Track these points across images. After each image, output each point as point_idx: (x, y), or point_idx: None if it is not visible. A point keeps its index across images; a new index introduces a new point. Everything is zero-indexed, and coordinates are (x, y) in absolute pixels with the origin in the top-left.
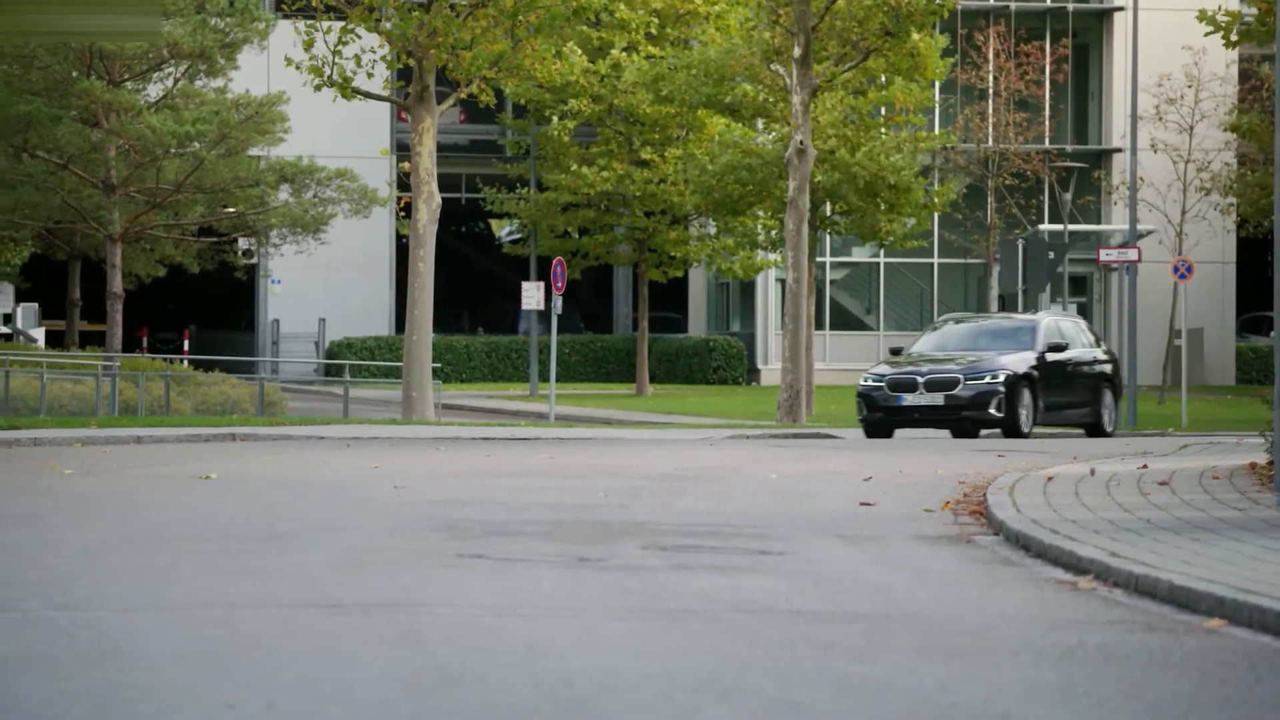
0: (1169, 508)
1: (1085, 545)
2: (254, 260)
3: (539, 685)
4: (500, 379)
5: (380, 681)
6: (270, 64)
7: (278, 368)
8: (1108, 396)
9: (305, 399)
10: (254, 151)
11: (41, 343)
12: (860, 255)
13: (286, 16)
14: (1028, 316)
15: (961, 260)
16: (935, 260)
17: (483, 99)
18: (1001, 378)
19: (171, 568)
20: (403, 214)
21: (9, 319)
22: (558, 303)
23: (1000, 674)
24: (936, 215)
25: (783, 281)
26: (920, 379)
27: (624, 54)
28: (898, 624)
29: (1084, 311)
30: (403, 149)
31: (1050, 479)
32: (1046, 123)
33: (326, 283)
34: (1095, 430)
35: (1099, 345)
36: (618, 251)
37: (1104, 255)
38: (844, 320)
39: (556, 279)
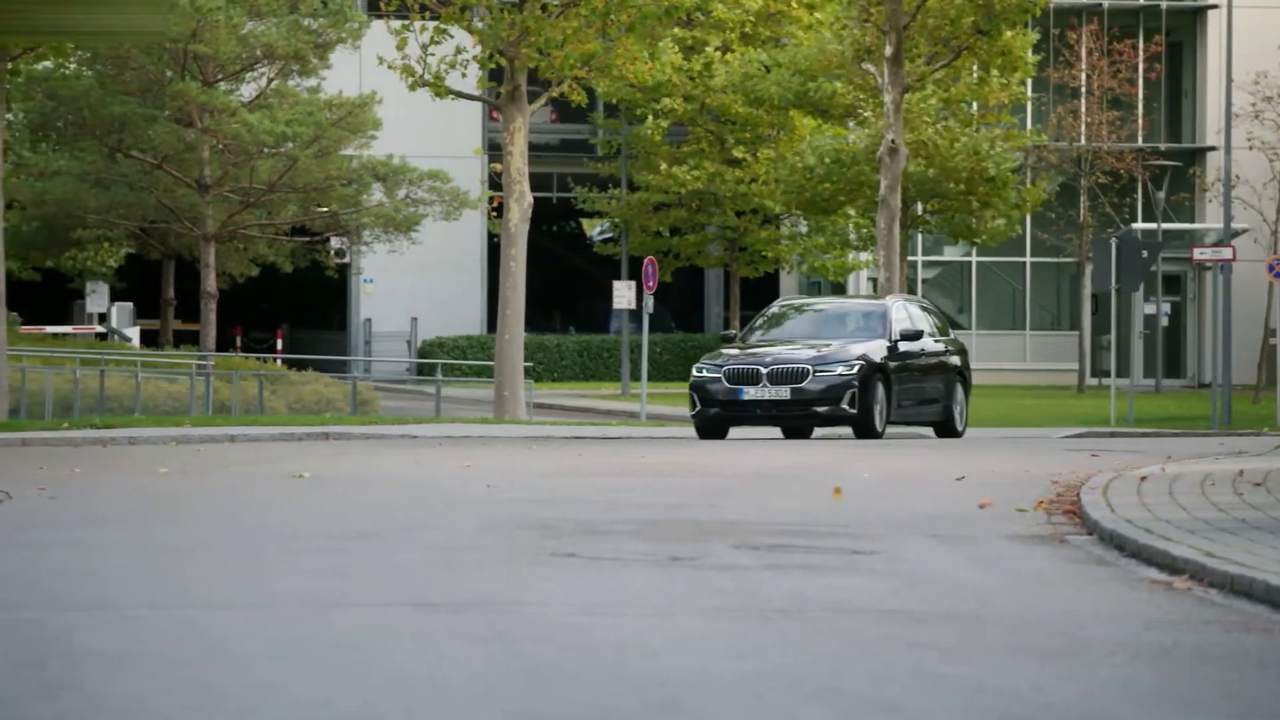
0: (1265, 507)
1: (1180, 545)
2: (346, 259)
3: (631, 684)
4: (591, 378)
5: (473, 680)
6: (363, 63)
7: (370, 367)
8: (959, 392)
9: (397, 398)
10: (347, 151)
11: (136, 342)
12: (952, 254)
13: (379, 16)
14: (876, 301)
15: (1054, 259)
16: (1027, 259)
17: (574, 99)
18: (855, 369)
19: (264, 566)
20: (494, 213)
21: (104, 319)
22: (649, 302)
23: (1094, 674)
24: (1028, 214)
25: (874, 280)
26: (763, 369)
27: (717, 53)
28: (991, 624)
29: (1178, 311)
30: (494, 148)
31: (1144, 479)
32: (1140, 121)
33: (418, 282)
34: (946, 429)
35: (948, 334)
36: (709, 251)
37: (1198, 254)
38: None
39: (648, 278)
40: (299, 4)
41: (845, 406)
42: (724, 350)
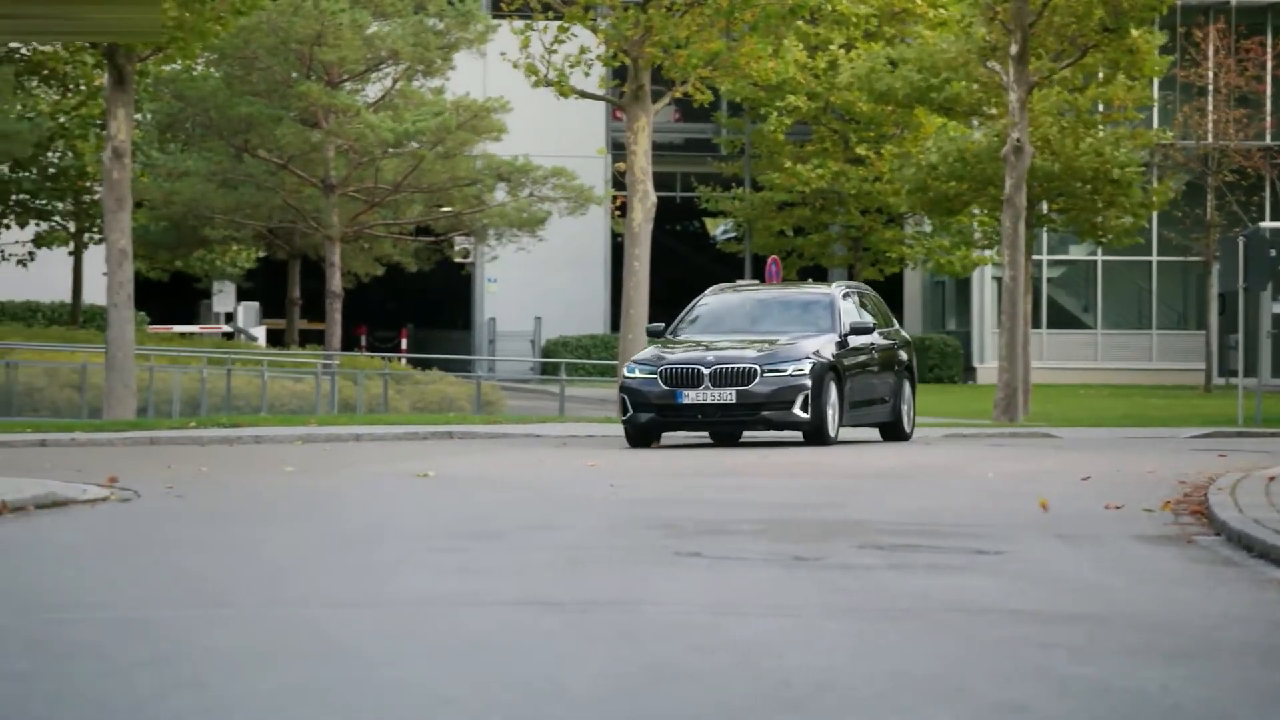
0: None
1: None
2: (471, 259)
3: (757, 684)
4: None
5: (598, 680)
6: (487, 63)
7: (494, 366)
8: (907, 390)
9: (521, 397)
10: (471, 151)
11: (262, 341)
12: (1078, 253)
13: (503, 16)
14: (820, 289)
15: (1180, 258)
16: (1154, 258)
17: (698, 97)
18: (807, 368)
19: (388, 565)
20: (618, 213)
21: (231, 318)
22: None
23: (1223, 676)
24: (1155, 213)
25: (999, 279)
26: (705, 370)
27: (841, 50)
28: (1118, 624)
29: None
30: (618, 148)
31: (1272, 479)
32: (1268, 119)
33: (542, 281)
34: (894, 432)
35: (891, 324)
36: (832, 251)
37: None
38: (1061, 318)
39: (771, 277)
40: (424, 5)
41: (797, 411)
42: (657, 347)
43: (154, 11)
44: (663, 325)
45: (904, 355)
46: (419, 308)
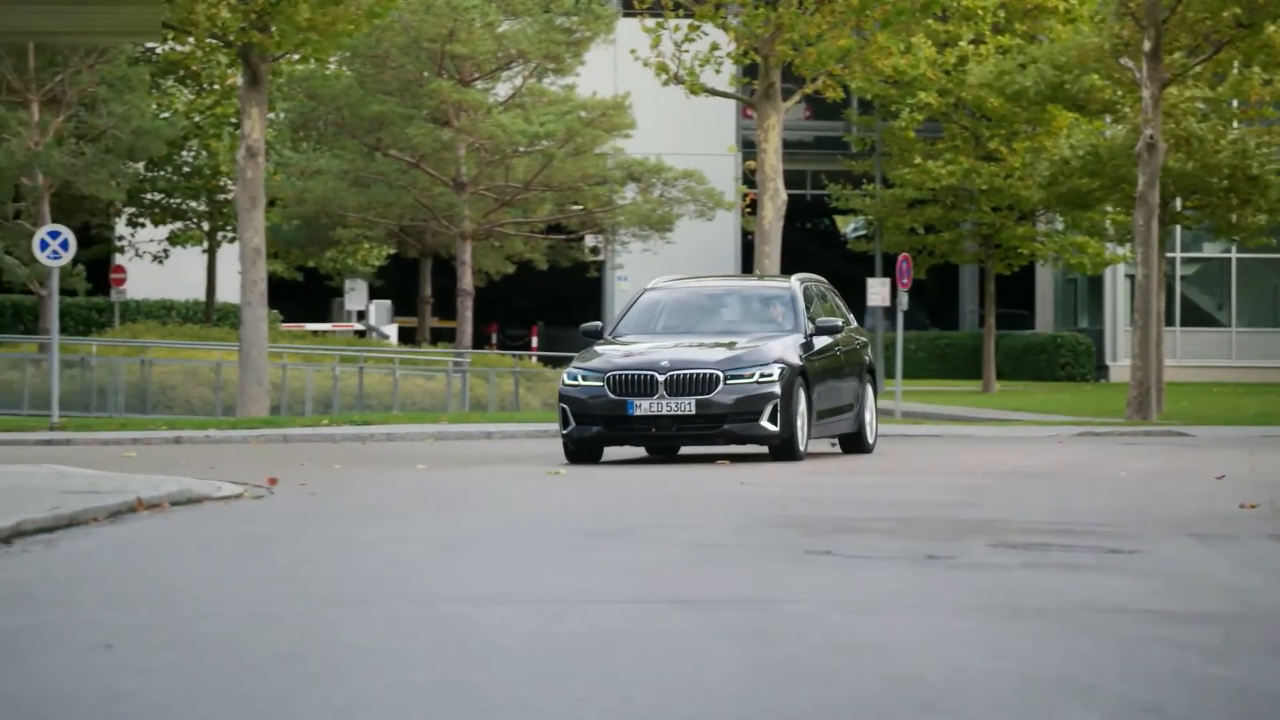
0: None
1: None
2: (601, 257)
3: (889, 682)
4: None
5: (731, 678)
6: (616, 61)
7: None
8: (869, 395)
9: None
10: (602, 149)
11: (394, 339)
12: (1211, 250)
13: (633, 14)
14: (779, 282)
15: None
16: None
17: (829, 95)
18: (776, 374)
19: (521, 562)
20: (748, 211)
21: (363, 316)
22: (904, 299)
23: None
24: None
25: (1131, 277)
26: (659, 376)
27: (971, 46)
28: (1255, 624)
29: None
30: (748, 145)
31: None
32: None
33: None
34: (856, 442)
35: (851, 321)
36: (963, 248)
37: None
38: (1195, 316)
39: (902, 275)
40: (553, 2)
41: (765, 423)
42: (599, 349)
43: (154, 13)
44: (599, 325)
45: (867, 357)
46: (549, 305)
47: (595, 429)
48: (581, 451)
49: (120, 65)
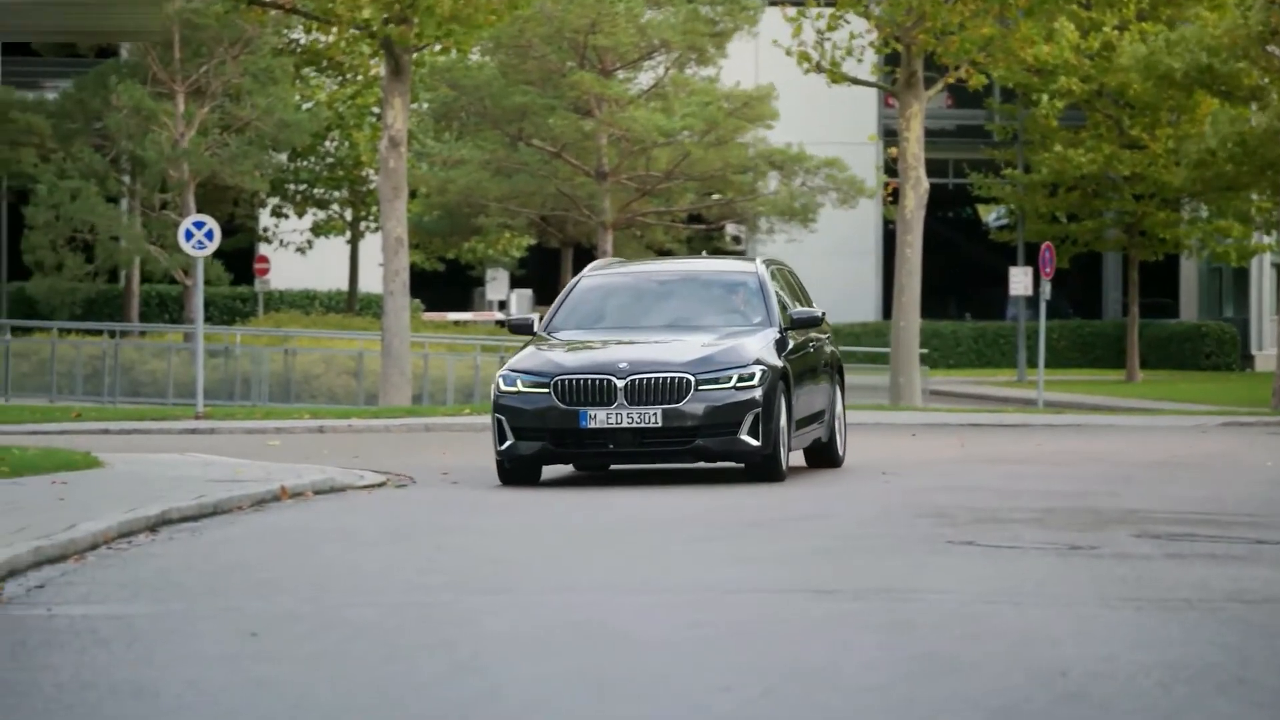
0: None
1: None
2: (743, 247)
3: (1032, 673)
4: (987, 365)
5: (872, 668)
6: (758, 51)
7: None
8: (839, 400)
9: None
10: (743, 139)
11: None
12: None
13: (775, 3)
14: (743, 266)
15: None
16: None
17: (971, 83)
18: (756, 378)
19: (660, 552)
20: (890, 200)
21: (504, 305)
22: (1046, 288)
23: None
24: None
25: (1278, 266)
26: (619, 380)
27: (1115, 32)
28: None
29: None
30: (889, 134)
31: None
32: None
33: (813, 268)
34: (827, 454)
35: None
36: (1106, 237)
37: None
38: None
39: (1045, 264)
40: None
41: (746, 437)
42: (539, 348)
43: (154, 13)
44: (530, 318)
45: (836, 353)
46: None
47: (540, 445)
48: (520, 471)
49: (264, 56)
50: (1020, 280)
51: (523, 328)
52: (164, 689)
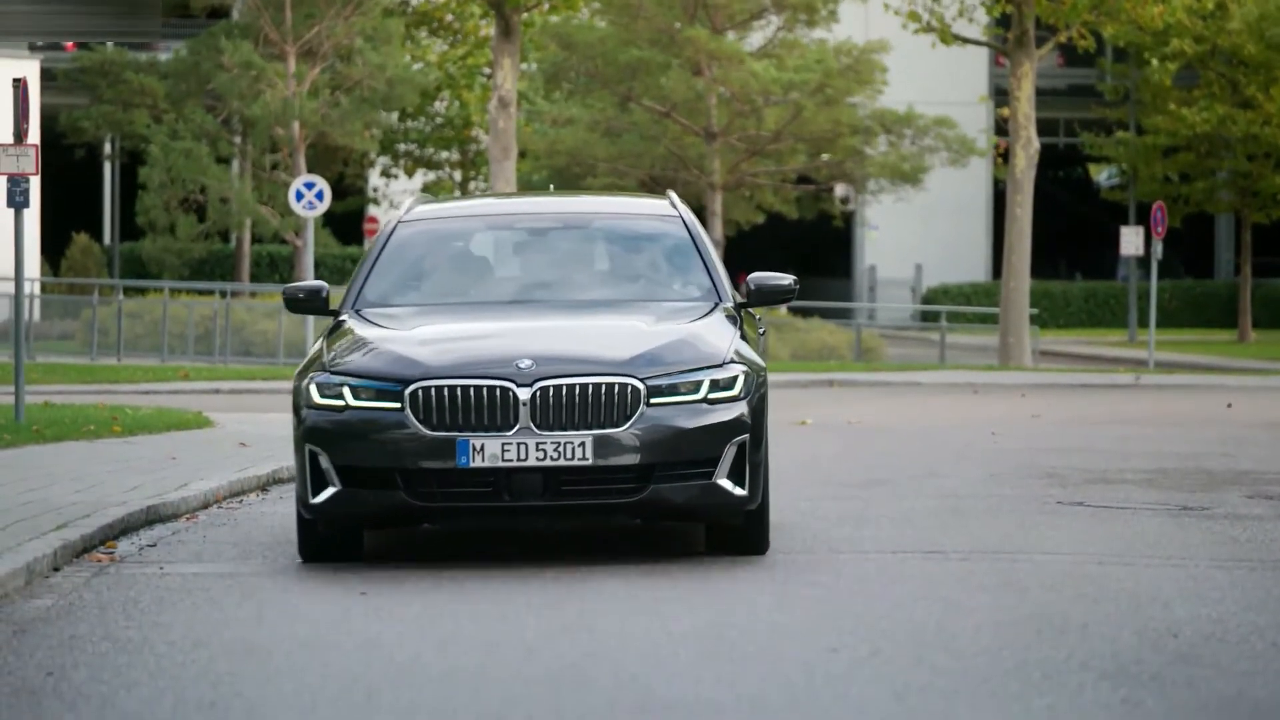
0: None
1: None
2: (852, 207)
3: (1143, 634)
4: (1098, 325)
5: (982, 629)
6: (868, 13)
7: (874, 314)
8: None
9: (901, 345)
10: (853, 100)
11: None
12: None
13: None
14: (657, 206)
15: None
16: None
17: (1082, 44)
18: (738, 382)
19: (781, 511)
20: (1000, 160)
21: None
22: (1158, 248)
23: None
24: None
25: None
26: (520, 388)
27: None
28: None
29: None
30: (1000, 94)
31: None
32: None
33: (922, 228)
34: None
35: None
36: (1219, 197)
37: None
38: None
39: (1156, 224)
40: None
41: (726, 483)
42: (360, 333)
43: (154, 13)
44: (322, 286)
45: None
46: (799, 256)
47: (385, 497)
48: (340, 539)
49: (375, 17)
50: (1131, 240)
51: (312, 300)
52: (275, 647)
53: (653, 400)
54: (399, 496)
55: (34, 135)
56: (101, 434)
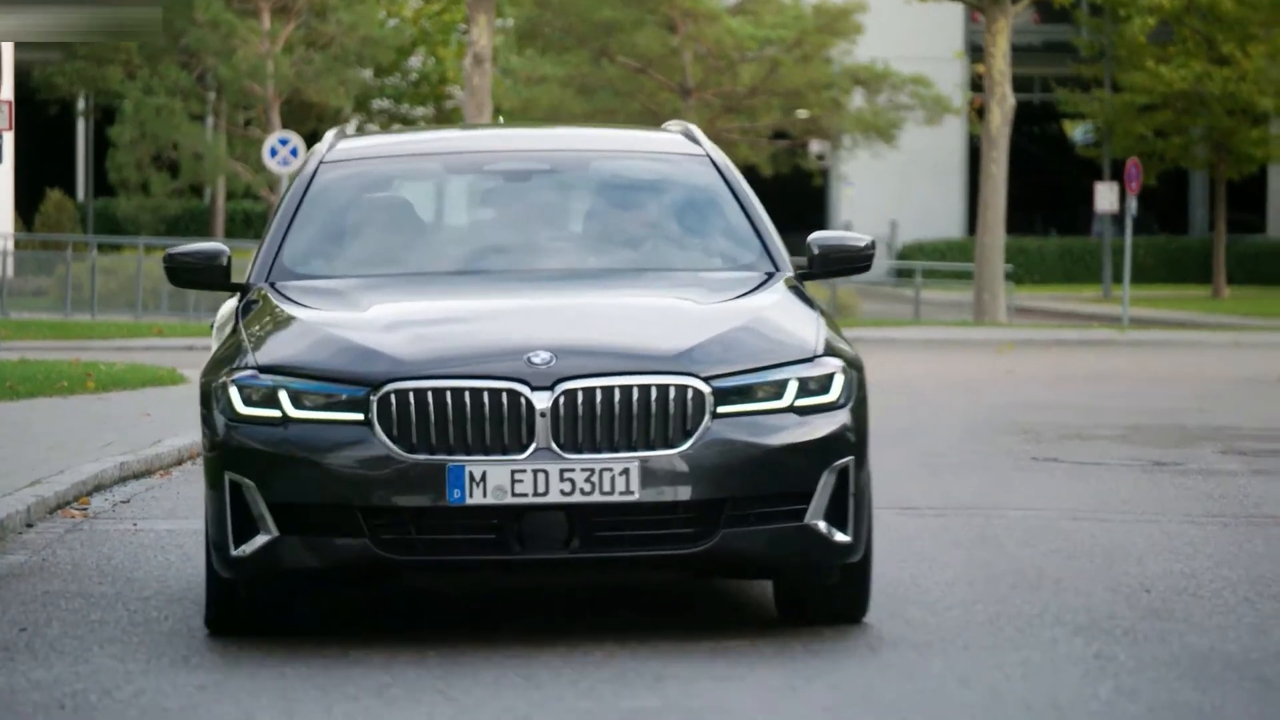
0: None
1: None
2: (827, 163)
3: (1116, 589)
4: (1073, 281)
5: (957, 584)
6: None
7: None
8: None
9: (876, 301)
10: (828, 54)
11: None
12: None
13: None
14: (663, 144)
15: None
16: None
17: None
18: (836, 382)
19: None
20: (976, 116)
21: None
22: (1133, 204)
23: None
24: None
25: None
26: (535, 391)
27: None
28: None
29: None
30: (975, 50)
31: None
32: None
33: (898, 185)
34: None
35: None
36: (1194, 154)
37: None
38: None
39: (1131, 180)
40: None
41: (821, 524)
42: (301, 319)
43: (153, 14)
44: (220, 249)
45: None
46: (774, 211)
47: (346, 546)
48: (268, 602)
49: None
50: (1106, 196)
51: (205, 268)
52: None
53: (721, 409)
54: (362, 546)
55: (7, 91)
56: (75, 390)
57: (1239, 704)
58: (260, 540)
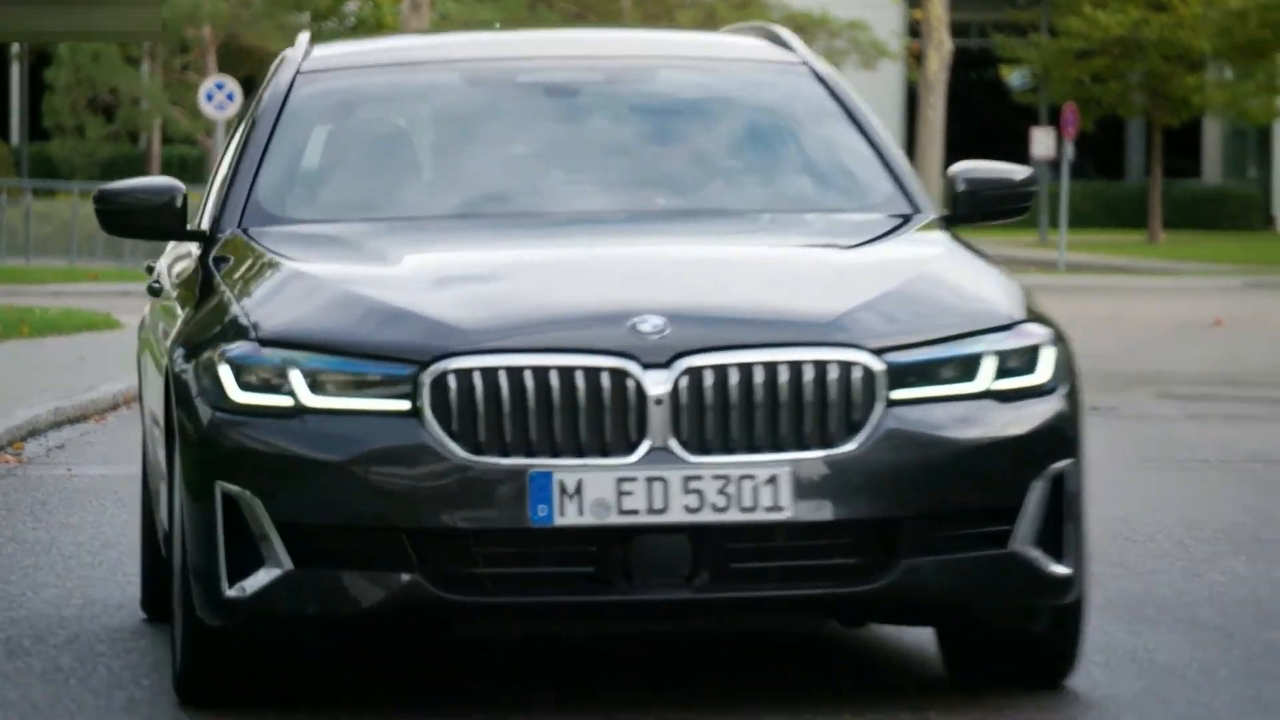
0: None
1: None
2: None
3: None
4: (1009, 227)
5: None
6: None
7: None
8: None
9: None
10: (766, 1)
11: None
12: None
13: None
14: (745, 45)
15: None
16: None
17: None
18: (1041, 358)
19: None
20: (914, 61)
21: None
22: (1069, 149)
23: None
24: None
25: None
26: (642, 371)
27: None
28: None
29: None
30: None
31: None
32: None
33: None
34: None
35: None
36: (1131, 100)
37: None
38: None
39: (1068, 125)
40: None
41: (1034, 552)
42: (308, 273)
43: (153, 13)
44: (172, 187)
45: None
46: None
47: (388, 580)
48: (261, 656)
49: None
50: (1043, 141)
51: (155, 209)
52: None
53: (895, 394)
54: (411, 584)
55: None
56: (9, 336)
57: (1172, 646)
58: (265, 576)
